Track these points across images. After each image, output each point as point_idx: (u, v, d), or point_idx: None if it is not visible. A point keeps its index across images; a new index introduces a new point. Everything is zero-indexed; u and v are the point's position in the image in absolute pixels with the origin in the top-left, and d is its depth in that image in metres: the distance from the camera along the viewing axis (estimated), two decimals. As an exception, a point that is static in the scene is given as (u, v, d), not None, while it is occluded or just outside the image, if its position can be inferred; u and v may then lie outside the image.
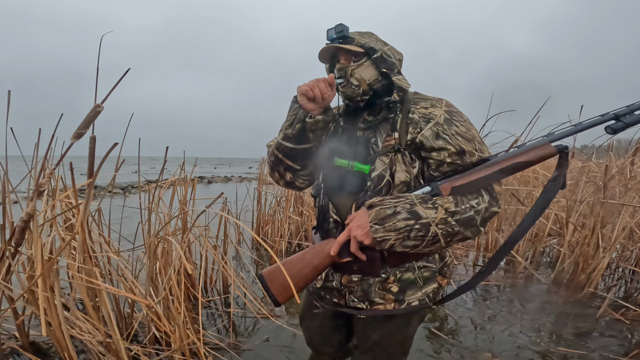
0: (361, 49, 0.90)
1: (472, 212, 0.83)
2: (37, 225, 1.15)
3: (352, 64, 0.91)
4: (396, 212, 0.82)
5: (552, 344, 1.78)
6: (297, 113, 0.92)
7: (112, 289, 1.36)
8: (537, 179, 3.36)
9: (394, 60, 0.93)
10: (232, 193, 4.28)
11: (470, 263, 3.10)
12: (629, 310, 2.08)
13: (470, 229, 0.84)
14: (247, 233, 3.73)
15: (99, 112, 1.01)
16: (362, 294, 0.95)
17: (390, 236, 0.82)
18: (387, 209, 0.82)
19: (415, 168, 0.90)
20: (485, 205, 0.85)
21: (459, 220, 0.82)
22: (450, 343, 1.77)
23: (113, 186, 2.24)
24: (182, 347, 1.38)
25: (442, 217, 0.82)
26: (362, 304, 0.95)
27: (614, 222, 2.49)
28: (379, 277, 0.93)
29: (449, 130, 0.86)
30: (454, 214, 0.82)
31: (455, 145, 0.86)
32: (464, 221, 0.83)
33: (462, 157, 0.86)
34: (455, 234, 0.83)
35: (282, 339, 1.78)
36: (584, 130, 0.90)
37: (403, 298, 0.93)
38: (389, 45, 0.94)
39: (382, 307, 0.94)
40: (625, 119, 0.82)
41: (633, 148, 2.64)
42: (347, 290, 0.97)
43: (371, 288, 0.94)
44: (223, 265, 2.03)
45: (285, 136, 0.95)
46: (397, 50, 0.96)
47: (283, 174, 1.04)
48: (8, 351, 1.48)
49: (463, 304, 2.24)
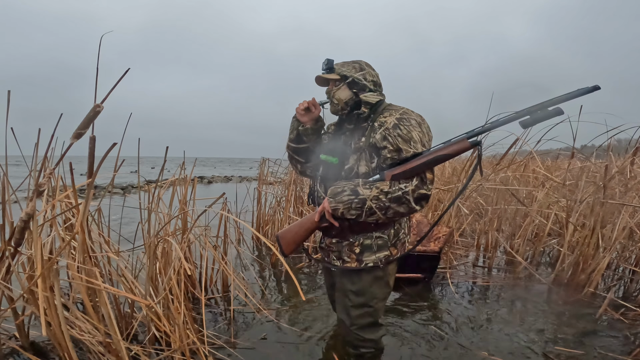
0: (338, 76, 1.25)
1: (400, 192, 1.13)
2: (37, 225, 1.15)
3: (334, 88, 1.27)
4: (343, 190, 1.18)
5: (551, 343, 1.78)
6: (294, 124, 1.35)
7: (112, 289, 1.36)
8: (537, 179, 3.36)
9: (364, 82, 1.25)
10: (232, 193, 4.28)
11: (470, 263, 3.10)
12: (629, 310, 2.08)
13: (402, 206, 1.14)
14: (247, 233, 3.73)
15: (98, 112, 1.01)
16: (337, 253, 1.32)
17: (339, 206, 1.17)
18: (337, 188, 1.19)
19: (374, 163, 1.23)
20: (412, 187, 1.13)
21: (391, 198, 1.13)
22: (450, 341, 1.77)
23: (113, 186, 2.24)
24: (182, 347, 1.38)
25: (375, 194, 1.14)
26: (338, 262, 1.32)
27: (614, 222, 2.49)
28: (348, 241, 1.28)
29: (392, 133, 1.17)
30: (387, 193, 1.14)
31: (394, 144, 1.16)
32: (394, 199, 1.13)
33: (399, 153, 1.16)
34: (387, 208, 1.15)
35: (282, 337, 1.79)
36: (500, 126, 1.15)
37: (362, 258, 1.27)
38: (366, 70, 1.27)
39: (349, 265, 1.29)
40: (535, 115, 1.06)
41: (633, 148, 2.64)
42: (330, 251, 1.35)
43: (343, 249, 1.30)
44: (223, 265, 2.03)
45: (289, 139, 1.39)
46: (372, 73, 1.28)
47: (295, 165, 1.47)
48: (8, 351, 1.48)
49: (462, 303, 2.24)
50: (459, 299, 2.32)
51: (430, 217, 3.58)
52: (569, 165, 3.07)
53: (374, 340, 1.37)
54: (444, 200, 3.69)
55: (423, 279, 2.56)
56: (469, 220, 3.44)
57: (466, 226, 3.63)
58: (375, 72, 1.30)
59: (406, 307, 2.18)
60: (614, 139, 2.66)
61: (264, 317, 1.99)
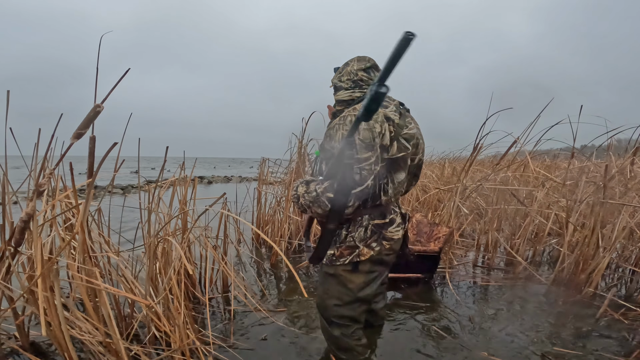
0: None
1: (314, 192, 1.20)
2: (37, 225, 1.15)
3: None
4: (294, 187, 1.30)
5: (551, 344, 1.78)
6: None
7: (112, 289, 1.36)
8: (537, 179, 3.36)
9: (340, 83, 1.35)
10: (232, 193, 4.27)
11: (470, 263, 3.10)
12: (629, 310, 2.08)
13: (315, 205, 1.21)
14: (247, 234, 3.73)
15: (98, 112, 1.01)
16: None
17: (294, 200, 1.29)
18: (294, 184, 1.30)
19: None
20: (321, 190, 1.18)
21: (308, 198, 1.22)
22: (450, 341, 1.77)
23: (113, 186, 2.24)
24: (182, 347, 1.38)
25: (302, 193, 1.24)
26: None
27: (614, 222, 2.49)
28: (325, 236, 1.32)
29: (327, 132, 1.25)
30: (307, 192, 1.22)
31: (325, 143, 1.26)
32: (311, 199, 1.21)
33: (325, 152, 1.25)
34: (309, 206, 1.22)
35: (282, 337, 1.79)
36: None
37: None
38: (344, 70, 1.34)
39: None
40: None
41: (633, 148, 2.64)
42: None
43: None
44: (223, 265, 2.03)
45: None
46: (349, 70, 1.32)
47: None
48: (8, 351, 1.48)
49: (463, 303, 2.24)
50: (459, 299, 2.32)
51: (430, 217, 3.58)
52: (569, 165, 3.07)
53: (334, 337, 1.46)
54: (444, 200, 3.69)
55: (423, 279, 2.57)
56: (469, 220, 3.44)
57: (466, 226, 3.63)
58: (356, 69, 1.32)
59: (406, 307, 2.18)
60: (614, 139, 2.66)
61: (264, 317, 1.99)
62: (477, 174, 4.08)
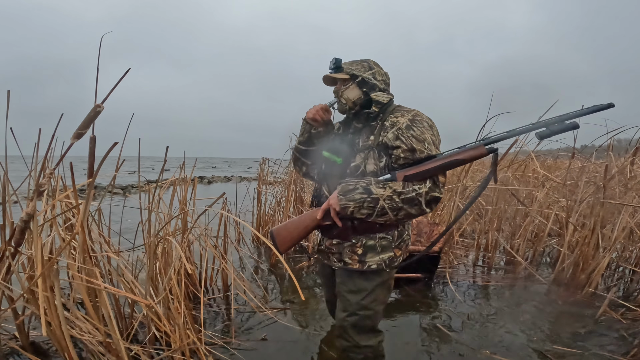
0: (348, 75, 1.22)
1: (414, 193, 1.10)
2: (37, 225, 1.15)
3: (342, 87, 1.24)
4: (355, 188, 1.13)
5: (551, 343, 1.78)
6: (305, 127, 1.33)
7: (112, 289, 1.36)
8: (537, 179, 3.36)
9: (374, 81, 1.23)
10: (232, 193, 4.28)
11: (470, 263, 3.10)
12: (628, 310, 2.08)
13: (414, 207, 1.12)
14: (247, 234, 3.73)
15: (99, 112, 1.01)
16: (338, 255, 1.27)
17: (350, 204, 1.12)
18: (349, 185, 1.14)
19: (382, 162, 1.19)
20: (426, 189, 1.11)
21: (404, 199, 1.11)
22: (450, 340, 1.78)
23: (113, 186, 2.24)
24: (182, 347, 1.38)
25: (389, 194, 1.11)
26: (339, 264, 1.27)
27: (614, 222, 2.49)
28: (350, 242, 1.24)
29: (406, 133, 1.14)
30: (400, 194, 1.11)
31: (407, 145, 1.13)
32: (407, 200, 1.11)
33: (413, 154, 1.13)
34: (399, 209, 1.12)
35: (283, 337, 1.79)
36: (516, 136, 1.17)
37: (364, 260, 1.22)
38: (375, 69, 1.24)
39: (350, 267, 1.24)
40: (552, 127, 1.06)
41: (633, 148, 2.64)
42: (330, 252, 1.30)
43: (344, 250, 1.25)
44: (224, 264, 2.03)
45: (299, 142, 1.38)
46: (381, 72, 1.26)
47: (301, 167, 1.44)
48: (8, 351, 1.48)
49: (464, 302, 2.24)
50: (459, 298, 2.32)
51: (430, 217, 3.58)
52: (569, 166, 3.07)
53: (371, 347, 1.31)
54: (444, 200, 3.69)
55: (423, 279, 2.57)
56: (469, 220, 3.44)
57: (466, 226, 3.63)
58: (384, 71, 1.29)
59: (407, 306, 2.18)
60: (614, 139, 2.66)
61: (264, 317, 1.99)
62: (477, 174, 4.09)
